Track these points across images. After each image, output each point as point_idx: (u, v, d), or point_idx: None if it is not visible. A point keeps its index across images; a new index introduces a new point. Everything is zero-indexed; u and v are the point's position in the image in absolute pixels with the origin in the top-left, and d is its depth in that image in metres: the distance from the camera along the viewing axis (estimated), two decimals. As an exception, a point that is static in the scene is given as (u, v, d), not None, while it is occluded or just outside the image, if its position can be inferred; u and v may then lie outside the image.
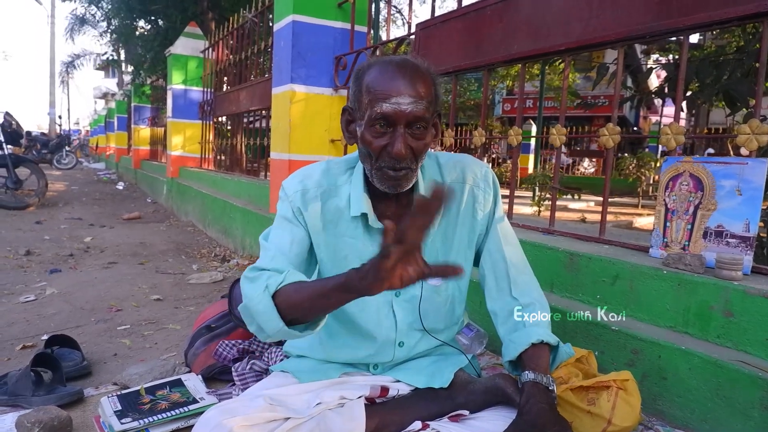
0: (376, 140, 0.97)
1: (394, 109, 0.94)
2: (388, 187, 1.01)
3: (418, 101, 0.95)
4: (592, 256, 1.61)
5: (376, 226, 1.08)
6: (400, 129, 0.95)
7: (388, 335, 1.13)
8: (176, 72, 6.12)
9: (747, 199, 1.35)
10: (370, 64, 1.02)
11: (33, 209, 5.97)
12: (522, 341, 1.04)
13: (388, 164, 0.98)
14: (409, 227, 0.72)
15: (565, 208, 7.95)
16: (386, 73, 0.97)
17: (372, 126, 0.97)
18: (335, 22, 3.06)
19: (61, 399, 1.46)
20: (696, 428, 1.26)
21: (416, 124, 0.96)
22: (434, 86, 1.01)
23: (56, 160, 13.08)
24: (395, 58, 1.00)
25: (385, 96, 0.95)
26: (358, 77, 1.01)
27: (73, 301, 2.60)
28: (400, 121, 0.95)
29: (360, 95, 1.00)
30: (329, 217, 1.10)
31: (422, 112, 0.96)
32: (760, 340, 1.23)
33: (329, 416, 1.02)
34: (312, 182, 1.11)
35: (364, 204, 1.06)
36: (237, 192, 4.44)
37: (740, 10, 1.36)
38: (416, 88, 0.96)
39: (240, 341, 1.66)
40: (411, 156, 0.98)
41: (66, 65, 20.26)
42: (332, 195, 1.10)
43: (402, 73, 0.96)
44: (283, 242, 1.08)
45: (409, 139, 0.97)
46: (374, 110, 0.95)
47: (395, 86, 0.95)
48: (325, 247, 1.11)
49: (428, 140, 1.00)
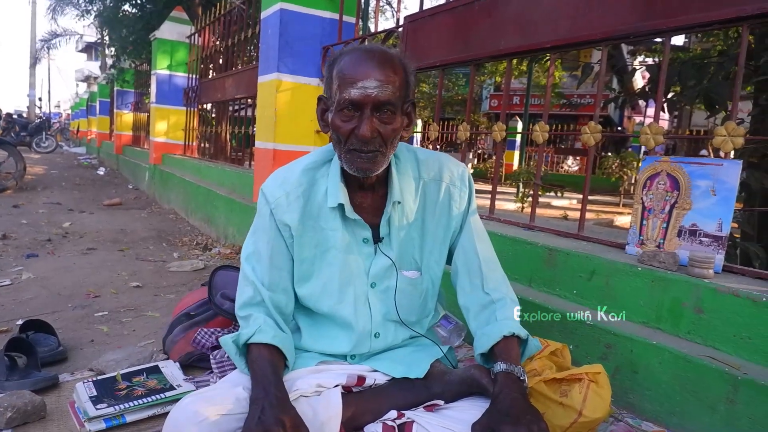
0: (345, 124, 0.99)
1: (360, 93, 0.96)
2: (358, 170, 1.03)
3: (384, 85, 0.97)
4: (570, 252, 1.64)
5: (353, 217, 1.09)
6: (367, 112, 0.97)
7: (365, 326, 1.14)
8: (161, 57, 6.02)
9: (721, 199, 1.38)
10: (342, 52, 1.04)
11: (10, 193, 5.85)
12: (494, 334, 1.06)
13: (356, 147, 1.00)
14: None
15: (548, 205, 8.04)
16: (355, 59, 0.99)
17: (341, 110, 0.99)
18: (324, 11, 3.04)
19: (36, 384, 1.44)
20: (664, 421, 1.29)
21: (384, 108, 0.98)
22: (405, 73, 1.02)
23: (36, 143, 12.80)
24: (366, 46, 1.03)
25: (352, 80, 0.97)
26: (330, 65, 1.03)
27: (50, 286, 2.56)
28: (366, 104, 0.97)
29: (331, 82, 1.02)
30: (311, 212, 1.11)
31: (388, 96, 0.97)
32: (728, 337, 1.27)
33: (306, 404, 1.03)
34: (292, 184, 1.11)
35: (340, 195, 1.08)
36: (221, 180, 4.40)
37: (721, 14, 1.39)
38: (384, 73, 0.97)
39: (219, 329, 1.66)
40: (379, 140, 1.00)
41: (44, 43, 19.59)
42: (313, 191, 1.11)
43: (369, 58, 0.98)
44: (263, 264, 1.11)
45: (377, 123, 0.99)
46: (342, 96, 0.98)
47: (362, 71, 0.97)
48: (309, 245, 1.12)
49: (396, 125, 1.02)
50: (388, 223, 1.12)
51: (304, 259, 1.13)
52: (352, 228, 1.11)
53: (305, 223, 1.11)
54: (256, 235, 1.15)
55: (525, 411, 0.91)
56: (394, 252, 1.13)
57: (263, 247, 1.12)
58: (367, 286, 1.14)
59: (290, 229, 1.11)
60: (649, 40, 2.72)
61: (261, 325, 1.06)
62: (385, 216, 1.11)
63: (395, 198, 1.10)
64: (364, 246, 1.13)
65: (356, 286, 1.13)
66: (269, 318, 1.09)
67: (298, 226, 1.11)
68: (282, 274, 1.13)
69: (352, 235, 1.11)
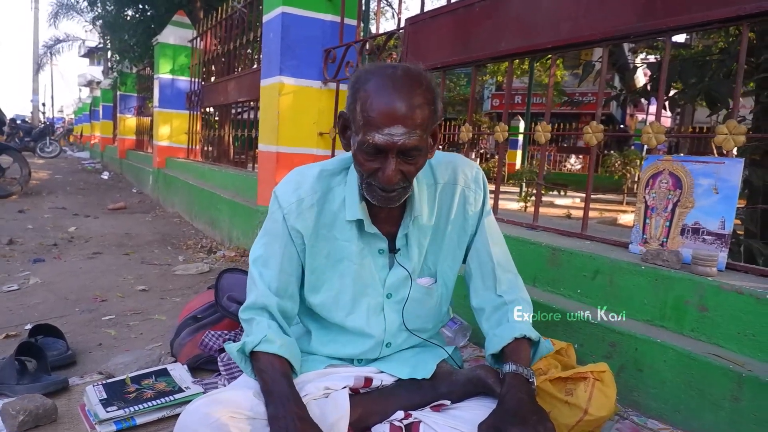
0: (368, 163, 0.96)
1: (386, 140, 0.91)
2: (378, 203, 1.01)
3: (412, 132, 0.91)
4: (574, 252, 1.65)
5: (371, 231, 1.08)
6: (392, 157, 0.93)
7: (378, 336, 1.15)
8: (163, 61, 6.05)
9: (723, 197, 1.39)
10: (368, 72, 0.96)
11: (16, 198, 5.88)
12: (506, 335, 1.07)
13: (378, 185, 0.97)
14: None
15: (551, 204, 8.03)
16: (382, 94, 0.92)
17: (363, 150, 0.95)
18: (325, 14, 3.05)
19: (46, 387, 1.46)
20: (670, 419, 1.30)
21: (410, 152, 0.94)
22: (433, 102, 0.96)
23: (40, 148, 12.85)
24: (395, 74, 0.94)
25: (378, 125, 0.91)
26: (355, 89, 0.97)
27: (57, 290, 2.58)
28: (392, 151, 0.93)
29: (354, 110, 0.96)
30: (324, 221, 1.10)
31: (416, 141, 0.92)
32: (732, 334, 1.28)
33: (314, 406, 1.04)
34: (306, 190, 1.09)
35: (359, 210, 1.06)
36: (224, 183, 4.42)
37: (721, 13, 1.39)
38: (413, 116, 0.91)
39: (226, 332, 1.67)
40: (402, 178, 0.96)
41: (47, 48, 19.65)
42: (327, 199, 1.09)
43: (398, 97, 0.91)
44: (272, 268, 1.10)
45: (402, 164, 0.95)
46: (366, 137, 0.92)
47: (389, 115, 0.91)
48: (321, 254, 1.12)
49: (421, 163, 0.98)
50: (405, 236, 1.11)
51: (315, 269, 1.12)
52: (368, 240, 1.10)
53: (318, 232, 1.10)
54: (266, 238, 1.13)
55: (531, 411, 0.92)
56: (411, 263, 1.13)
57: (274, 252, 1.11)
58: (383, 297, 1.14)
59: (303, 237, 1.09)
60: (649, 39, 2.73)
61: (267, 334, 1.04)
62: (403, 229, 1.10)
63: (415, 213, 1.08)
64: (380, 257, 1.12)
65: (371, 297, 1.13)
66: (273, 322, 1.08)
67: (311, 235, 1.09)
68: (290, 279, 1.12)
69: (368, 246, 1.10)
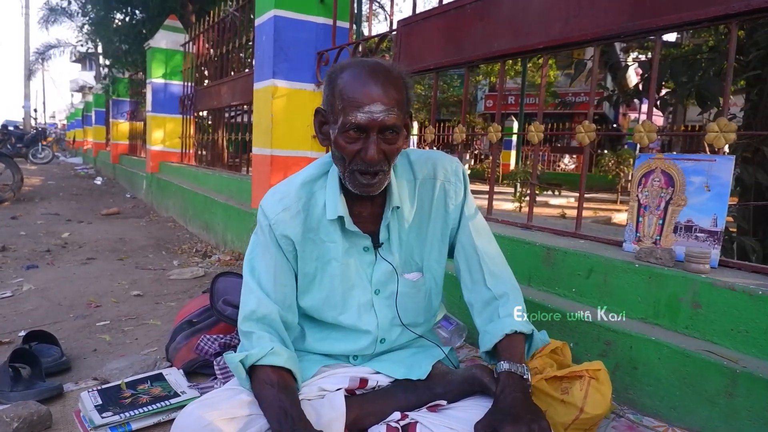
0: (350, 145, 1.00)
1: (367, 117, 0.96)
2: (361, 191, 1.04)
3: (390, 109, 0.97)
4: (568, 251, 1.65)
5: (352, 229, 1.10)
6: (373, 136, 0.98)
7: (371, 332, 1.15)
8: (156, 65, 6.03)
9: (715, 194, 1.40)
10: (342, 67, 1.03)
11: (8, 204, 5.83)
12: (496, 332, 1.07)
13: (361, 168, 1.00)
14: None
15: (545, 204, 8.06)
16: (359, 79, 0.99)
17: (345, 132, 0.99)
18: (317, 17, 3.06)
19: (41, 394, 1.45)
20: (665, 416, 1.30)
21: (388, 130, 0.99)
22: (406, 90, 1.03)
23: (32, 154, 12.76)
24: (367, 63, 1.01)
25: (358, 104, 0.97)
26: (331, 81, 1.02)
27: (50, 297, 2.57)
28: (373, 128, 0.98)
29: (333, 100, 1.01)
30: (311, 225, 1.11)
31: (394, 119, 0.98)
32: (726, 331, 1.29)
33: (309, 407, 1.04)
34: (291, 198, 1.11)
35: (340, 207, 1.08)
36: (218, 187, 4.40)
37: (710, 11, 1.40)
38: (389, 95, 0.98)
39: (221, 336, 1.67)
40: (383, 159, 1.01)
41: (39, 55, 19.57)
42: (311, 204, 1.11)
43: (374, 80, 0.98)
44: (267, 280, 1.10)
45: (382, 143, 0.99)
46: (348, 118, 0.97)
47: (368, 94, 0.97)
48: (311, 258, 1.13)
49: (400, 143, 1.03)
50: (387, 228, 1.13)
51: (307, 273, 1.14)
52: (352, 238, 1.12)
53: (306, 236, 1.11)
54: (256, 252, 1.14)
55: (526, 410, 0.92)
56: (394, 256, 1.14)
57: (266, 264, 1.11)
58: (371, 294, 1.15)
59: (293, 244, 1.11)
60: (639, 38, 2.75)
61: (274, 347, 1.03)
62: (384, 221, 1.12)
63: (394, 203, 1.10)
64: (365, 254, 1.14)
65: (360, 295, 1.14)
66: (273, 334, 1.08)
67: (300, 241, 1.11)
68: (286, 291, 1.12)
69: (353, 245, 1.12)
